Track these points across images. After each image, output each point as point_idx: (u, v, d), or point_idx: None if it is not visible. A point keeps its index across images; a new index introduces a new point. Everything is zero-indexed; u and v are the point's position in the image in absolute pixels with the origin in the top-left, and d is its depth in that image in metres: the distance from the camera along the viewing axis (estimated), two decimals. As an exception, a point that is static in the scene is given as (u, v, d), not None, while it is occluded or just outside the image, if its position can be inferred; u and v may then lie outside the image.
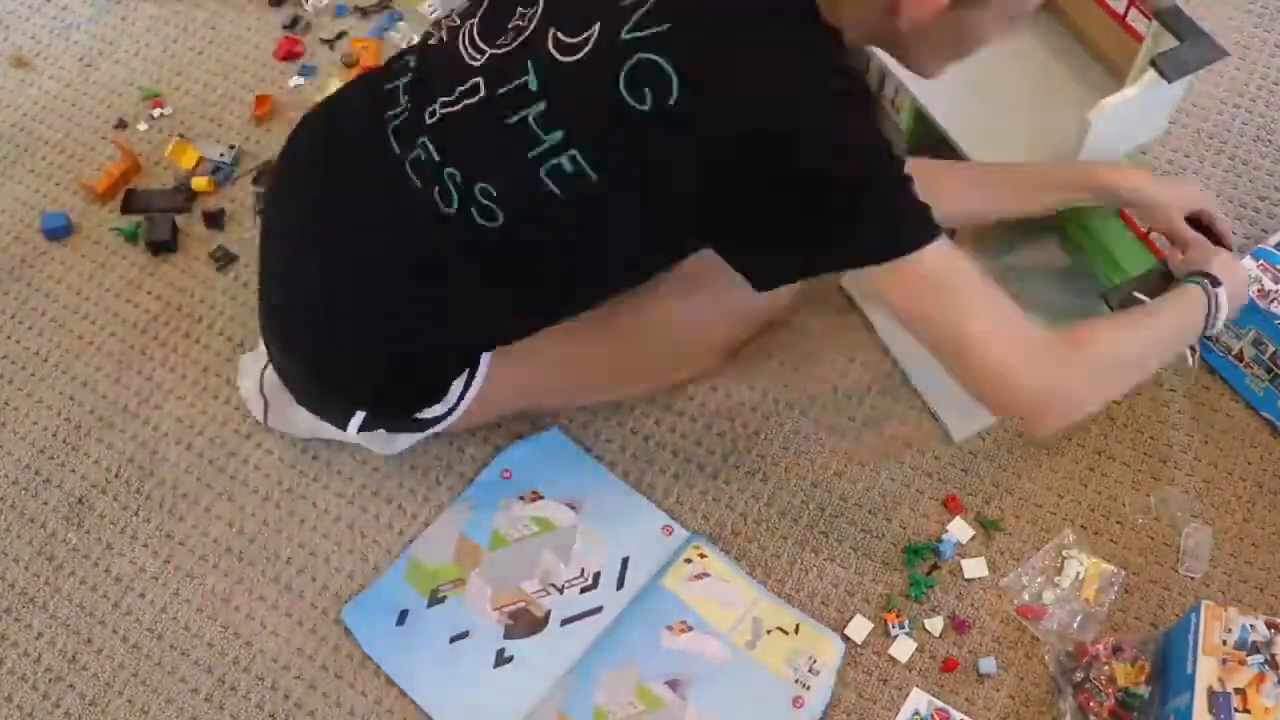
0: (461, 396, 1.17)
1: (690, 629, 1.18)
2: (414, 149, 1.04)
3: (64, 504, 1.31)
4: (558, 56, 0.95)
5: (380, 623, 1.22)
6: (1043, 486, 1.28)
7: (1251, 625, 1.08)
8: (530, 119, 0.96)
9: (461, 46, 1.03)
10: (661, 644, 1.18)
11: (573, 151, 0.95)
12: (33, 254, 1.50)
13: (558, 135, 0.95)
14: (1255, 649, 1.07)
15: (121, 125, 1.61)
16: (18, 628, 1.24)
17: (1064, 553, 1.23)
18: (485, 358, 1.16)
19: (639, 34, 0.90)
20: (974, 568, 1.23)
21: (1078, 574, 1.21)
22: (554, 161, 0.96)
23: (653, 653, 1.18)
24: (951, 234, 1.01)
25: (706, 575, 1.22)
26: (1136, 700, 1.11)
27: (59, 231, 1.50)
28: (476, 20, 1.04)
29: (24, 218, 1.54)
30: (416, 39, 1.67)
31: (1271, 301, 1.24)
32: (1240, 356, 1.30)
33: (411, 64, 1.09)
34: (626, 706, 1.15)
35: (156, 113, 1.62)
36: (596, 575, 1.23)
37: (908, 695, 1.16)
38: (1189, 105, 1.54)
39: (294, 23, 1.69)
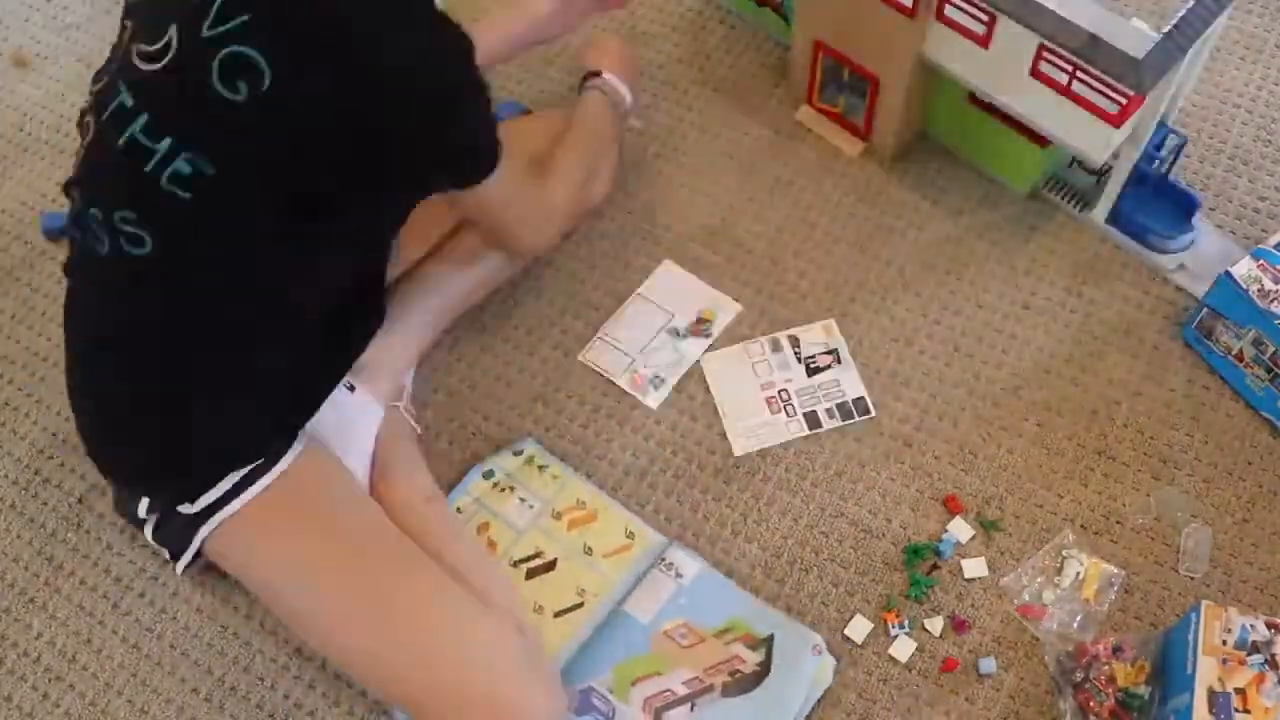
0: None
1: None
2: (72, 201, 1.06)
3: (64, 504, 1.31)
4: (143, 67, 0.97)
5: None
6: (1043, 486, 1.28)
7: (1251, 625, 1.08)
8: (136, 134, 0.97)
9: (92, 90, 1.05)
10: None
11: (186, 154, 0.95)
12: (33, 254, 1.50)
13: (166, 143, 0.96)
14: (1255, 649, 1.07)
15: (121, 125, 1.61)
16: (18, 628, 1.24)
17: (1064, 553, 1.23)
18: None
19: (221, 28, 0.93)
20: (974, 568, 1.23)
21: (1078, 574, 1.21)
22: (171, 169, 0.96)
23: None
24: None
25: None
26: (1136, 700, 1.11)
27: (59, 231, 1.50)
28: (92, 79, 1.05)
29: (24, 218, 1.53)
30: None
31: (1271, 301, 1.24)
32: (1240, 356, 1.30)
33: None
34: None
35: (156, 113, 1.62)
36: None
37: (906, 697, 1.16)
38: (1189, 105, 1.55)
39: (294, 22, 1.69)
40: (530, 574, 1.23)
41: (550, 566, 1.23)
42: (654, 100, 1.59)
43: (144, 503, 1.16)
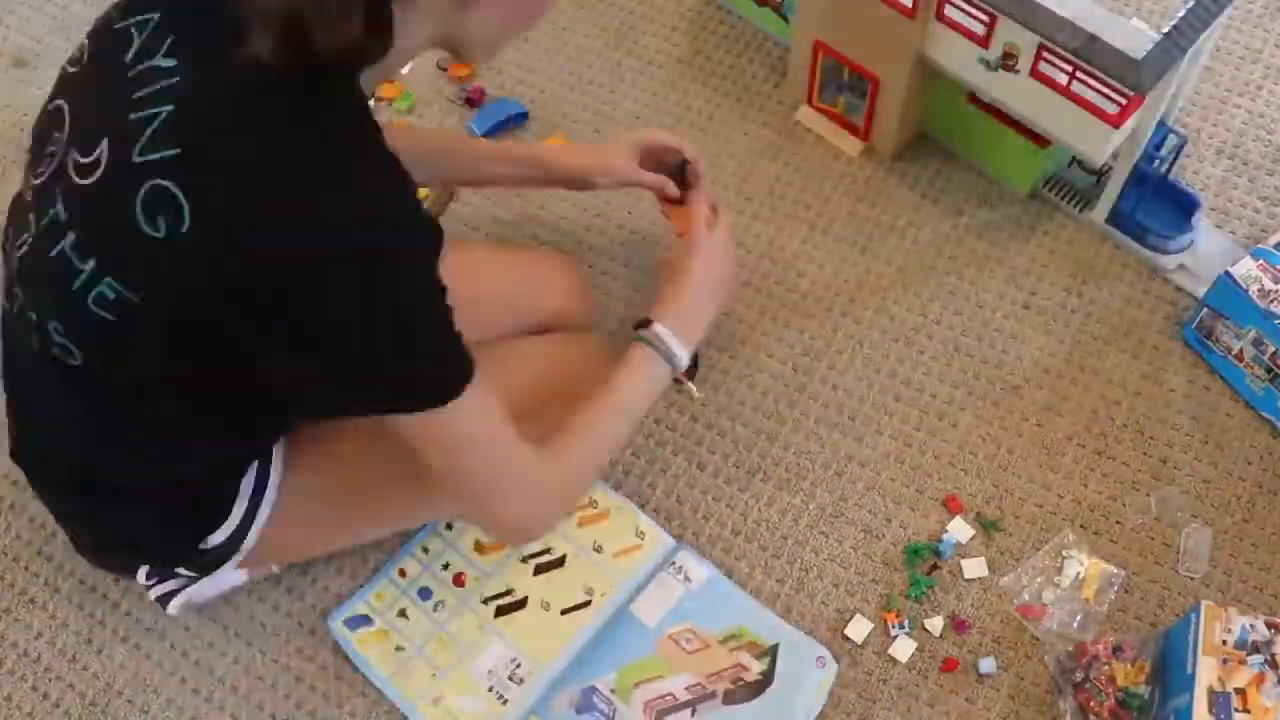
0: (247, 522, 1.08)
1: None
2: (9, 298, 0.99)
3: (64, 504, 1.31)
4: (76, 180, 0.88)
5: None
6: (1042, 486, 1.28)
7: (1251, 625, 1.08)
8: (66, 250, 0.89)
9: (29, 180, 0.96)
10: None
11: (108, 279, 0.87)
12: (33, 254, 1.50)
13: (91, 264, 0.88)
14: (1255, 649, 1.07)
15: (121, 125, 1.61)
16: (18, 628, 1.24)
17: (1064, 553, 1.23)
18: (270, 489, 1.08)
19: (150, 157, 0.83)
20: (974, 568, 1.23)
21: (1078, 574, 1.21)
22: (96, 291, 0.88)
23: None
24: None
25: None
26: (1136, 700, 1.11)
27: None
28: (32, 151, 0.97)
29: (24, 218, 1.53)
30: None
31: (1271, 301, 1.24)
32: (1240, 356, 1.30)
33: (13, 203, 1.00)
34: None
35: (156, 113, 1.62)
36: None
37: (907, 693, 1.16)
38: (1189, 104, 1.55)
39: (294, 22, 1.69)
40: (539, 570, 1.23)
41: (559, 563, 1.24)
42: (654, 100, 1.59)
43: (142, 570, 1.13)
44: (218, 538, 1.07)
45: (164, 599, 1.15)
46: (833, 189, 1.51)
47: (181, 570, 1.11)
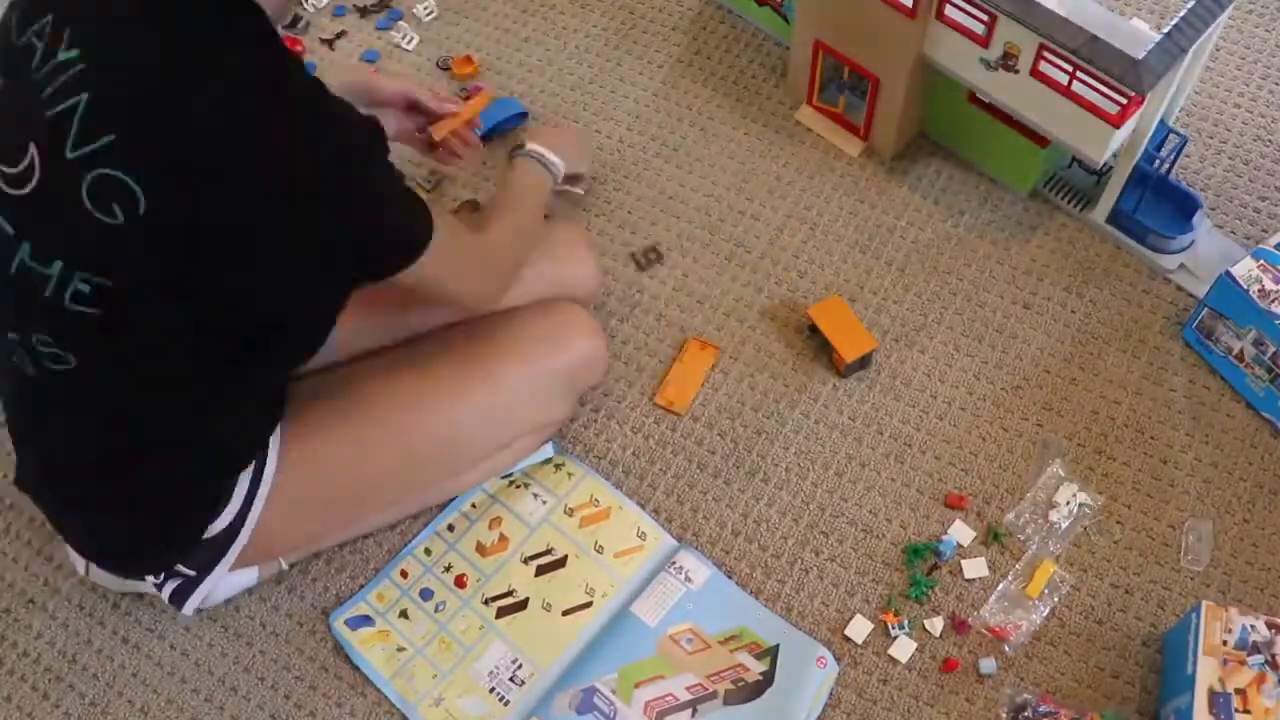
0: (247, 503, 1.09)
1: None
2: None
3: (64, 504, 1.31)
4: (10, 192, 0.91)
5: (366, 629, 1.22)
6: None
7: (1252, 625, 1.08)
8: (26, 261, 0.91)
9: None
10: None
11: (80, 275, 0.90)
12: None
13: (58, 266, 0.90)
14: (1255, 649, 1.07)
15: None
16: (18, 628, 1.24)
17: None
18: (267, 474, 1.09)
19: (85, 149, 0.86)
20: (974, 568, 1.23)
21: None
22: (71, 290, 0.90)
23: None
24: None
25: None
26: None
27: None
28: None
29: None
30: (416, 38, 1.67)
31: (1272, 301, 1.24)
32: (1240, 356, 1.30)
33: None
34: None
35: (156, 112, 1.62)
36: None
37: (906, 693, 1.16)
38: (1189, 105, 1.55)
39: (294, 22, 1.69)
40: (540, 570, 1.23)
41: (560, 564, 1.24)
42: (654, 100, 1.59)
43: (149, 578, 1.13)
44: (219, 524, 1.07)
45: (176, 598, 1.14)
46: (833, 189, 1.51)
47: (181, 568, 1.11)
